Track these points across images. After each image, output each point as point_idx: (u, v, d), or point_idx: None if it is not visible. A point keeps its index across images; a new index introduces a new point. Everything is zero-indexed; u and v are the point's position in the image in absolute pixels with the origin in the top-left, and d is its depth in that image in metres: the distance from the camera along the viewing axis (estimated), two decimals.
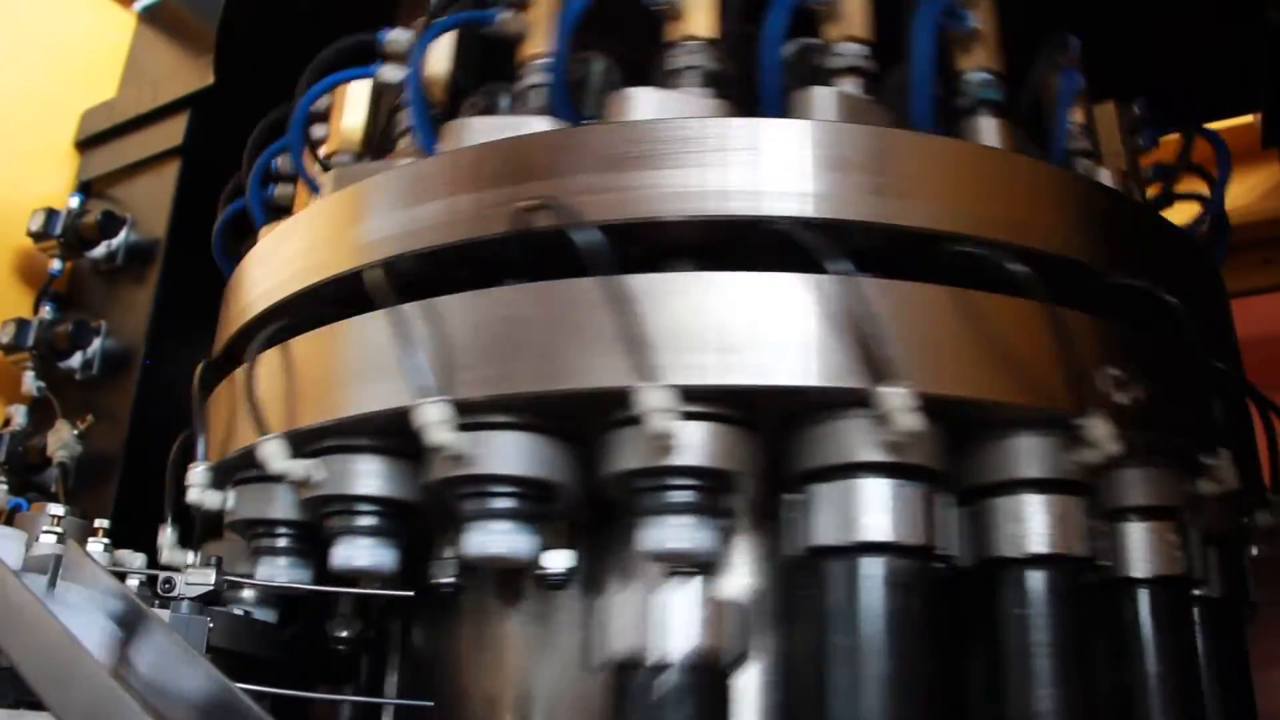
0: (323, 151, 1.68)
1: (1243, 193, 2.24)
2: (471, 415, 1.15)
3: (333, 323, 1.30)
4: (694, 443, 1.12)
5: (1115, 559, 1.28)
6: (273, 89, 1.73)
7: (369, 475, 1.27)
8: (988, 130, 1.40)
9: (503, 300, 1.19)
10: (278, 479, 1.31)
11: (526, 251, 1.20)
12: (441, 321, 1.19)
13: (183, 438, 1.59)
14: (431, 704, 1.43)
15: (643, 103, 1.29)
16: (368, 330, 1.24)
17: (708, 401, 1.12)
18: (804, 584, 1.16)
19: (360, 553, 1.28)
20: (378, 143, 1.65)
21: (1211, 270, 1.57)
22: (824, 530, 1.13)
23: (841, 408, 1.13)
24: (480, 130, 1.33)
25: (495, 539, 1.18)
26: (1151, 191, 1.85)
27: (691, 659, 1.11)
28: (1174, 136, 1.88)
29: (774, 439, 1.18)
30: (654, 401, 1.08)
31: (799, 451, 1.16)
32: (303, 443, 1.29)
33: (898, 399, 1.08)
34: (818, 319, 1.12)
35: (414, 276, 1.25)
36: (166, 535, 1.54)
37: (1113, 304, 1.26)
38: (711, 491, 1.14)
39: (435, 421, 1.13)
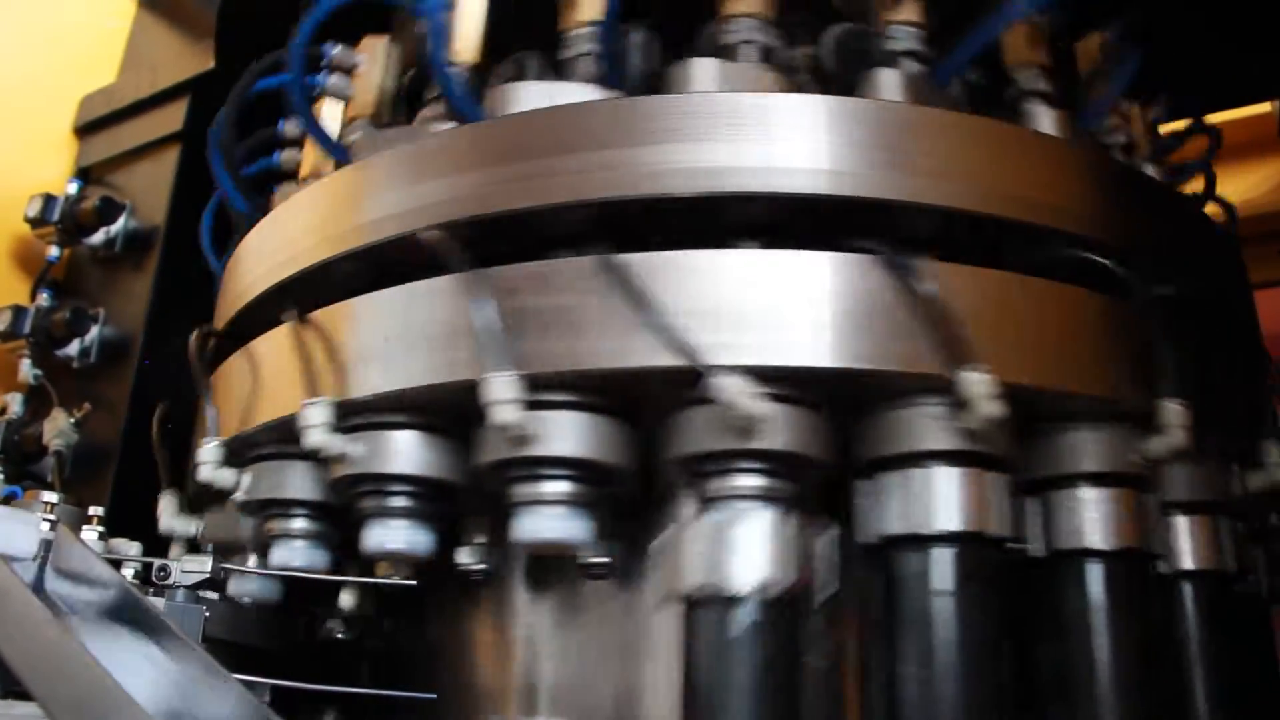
0: (348, 113, 1.63)
1: (1257, 183, 2.22)
2: (532, 393, 1.10)
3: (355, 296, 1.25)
4: (772, 426, 1.07)
5: (1166, 552, 1.26)
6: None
7: (409, 453, 1.21)
8: (1042, 118, 1.38)
9: (567, 272, 1.13)
10: (300, 456, 1.26)
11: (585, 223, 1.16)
12: (503, 292, 1.14)
13: (163, 408, 1.56)
14: (434, 696, 1.38)
15: (703, 74, 1.26)
16: (429, 297, 1.18)
17: (780, 384, 1.08)
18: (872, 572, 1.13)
19: (394, 535, 1.23)
20: (400, 106, 1.61)
21: (1241, 264, 1.57)
22: (896, 519, 1.10)
23: (915, 394, 1.10)
24: (532, 96, 1.28)
25: (550, 524, 1.13)
26: None
27: (767, 593, 1.04)
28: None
29: (843, 426, 1.14)
30: (732, 383, 1.04)
31: (869, 439, 1.13)
32: (335, 419, 1.23)
33: (979, 385, 1.05)
34: (892, 302, 1.09)
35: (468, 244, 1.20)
36: (166, 503, 1.49)
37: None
38: (784, 476, 1.10)
39: (505, 398, 1.08)
